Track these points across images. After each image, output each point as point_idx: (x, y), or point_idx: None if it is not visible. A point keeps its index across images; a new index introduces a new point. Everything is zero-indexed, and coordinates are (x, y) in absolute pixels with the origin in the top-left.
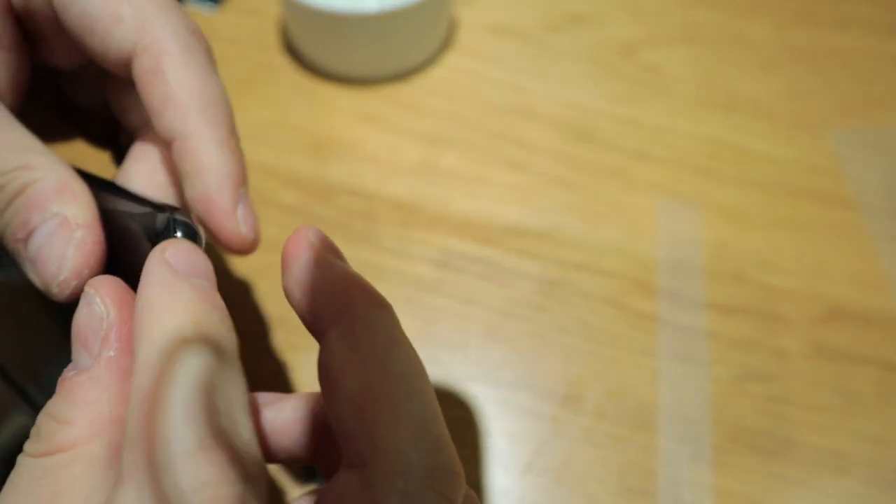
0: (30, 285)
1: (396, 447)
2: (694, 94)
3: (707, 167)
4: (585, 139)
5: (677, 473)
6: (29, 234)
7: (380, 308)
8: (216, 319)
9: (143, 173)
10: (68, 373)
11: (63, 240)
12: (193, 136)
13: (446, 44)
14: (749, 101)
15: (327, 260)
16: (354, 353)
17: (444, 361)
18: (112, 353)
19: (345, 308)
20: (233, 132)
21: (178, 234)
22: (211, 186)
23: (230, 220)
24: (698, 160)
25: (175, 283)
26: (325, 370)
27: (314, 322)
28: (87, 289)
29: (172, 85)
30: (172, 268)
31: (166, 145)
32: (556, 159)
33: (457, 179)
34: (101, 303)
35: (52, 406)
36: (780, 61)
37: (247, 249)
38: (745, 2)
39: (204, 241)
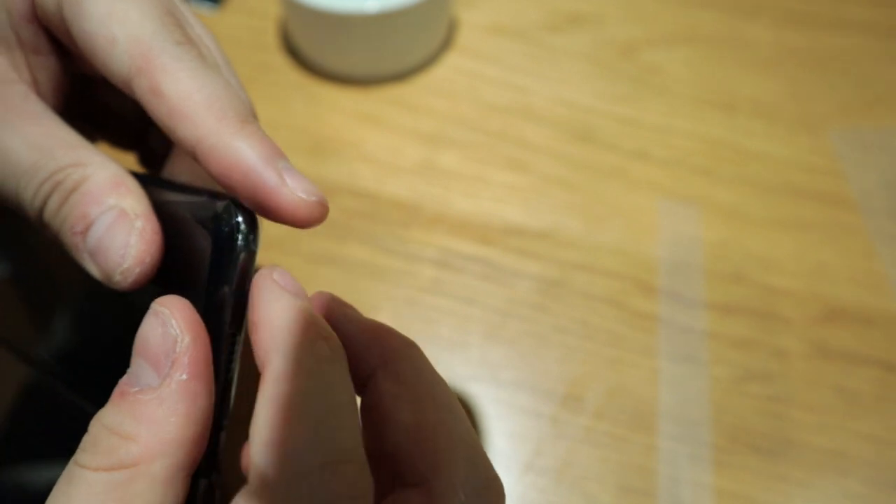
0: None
1: (456, 465)
2: (694, 94)
3: (707, 167)
4: (585, 139)
5: (677, 473)
6: (87, 227)
7: (413, 347)
8: (333, 336)
9: (186, 172)
10: (129, 388)
11: (124, 229)
12: (209, 137)
13: (446, 44)
14: (749, 101)
15: (346, 314)
16: (405, 389)
17: (445, 361)
18: (184, 378)
19: (384, 352)
20: (247, 118)
21: (239, 218)
22: (249, 173)
23: (282, 193)
24: (698, 160)
25: (294, 303)
26: (376, 409)
27: (353, 373)
28: (159, 307)
29: (173, 100)
30: (285, 289)
31: (190, 155)
32: (556, 159)
33: (457, 179)
34: (176, 326)
35: (111, 419)
36: (780, 61)
37: (316, 214)
38: (745, 2)
39: (260, 227)
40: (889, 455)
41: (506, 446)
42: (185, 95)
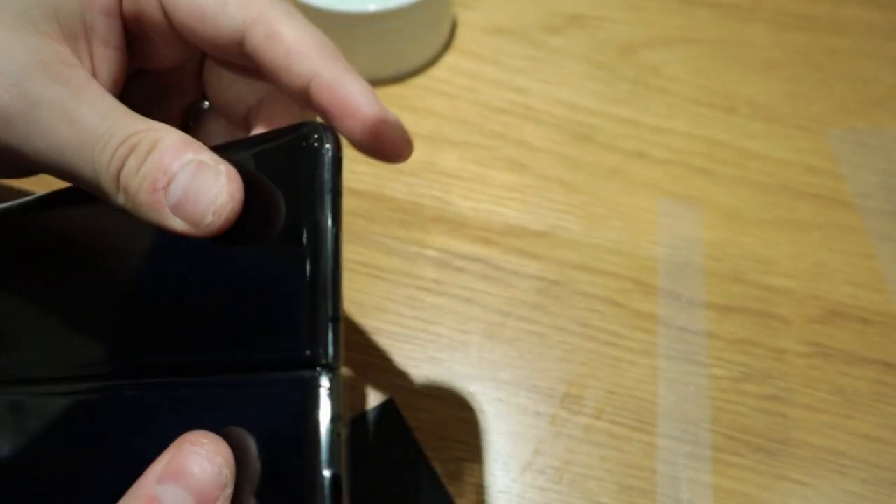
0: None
1: None
2: (693, 95)
3: (706, 168)
4: (585, 140)
5: (676, 472)
6: (169, 181)
7: None
8: None
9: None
10: None
11: (209, 174)
12: (324, 73)
13: (446, 45)
14: (748, 101)
15: None
16: None
17: (444, 361)
18: None
19: None
20: (349, 65)
21: (328, 144)
22: (361, 105)
23: (388, 126)
24: (697, 161)
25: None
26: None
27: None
28: (209, 446)
29: (290, 41)
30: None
31: (299, 95)
32: (556, 160)
33: (457, 180)
34: (229, 473)
35: None
36: (779, 62)
37: (408, 151)
38: (744, 3)
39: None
40: (887, 454)
41: (505, 445)
42: (300, 38)
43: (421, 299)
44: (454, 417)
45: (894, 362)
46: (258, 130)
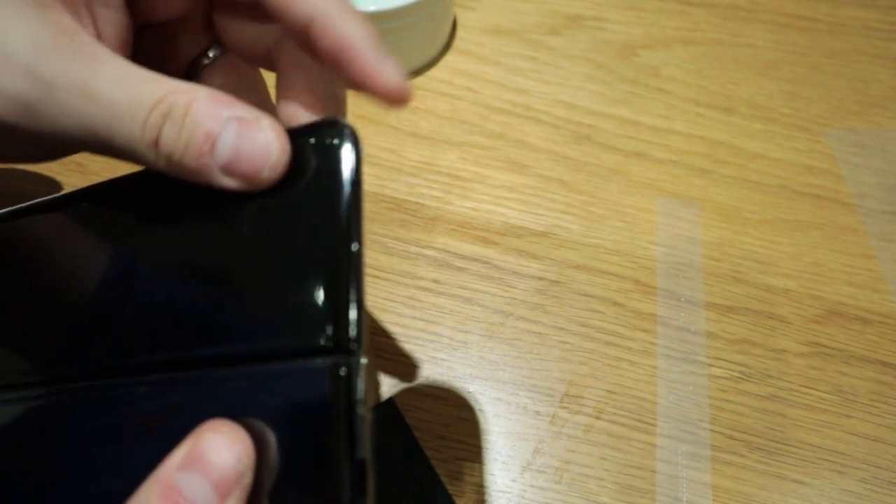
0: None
1: None
2: (692, 96)
3: (705, 168)
4: (584, 140)
5: (676, 472)
6: (213, 144)
7: None
8: None
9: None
10: (179, 497)
11: (254, 129)
12: (326, 12)
13: (446, 45)
14: (747, 102)
15: None
16: None
17: (445, 360)
18: None
19: None
20: (350, 6)
21: (348, 143)
22: (360, 48)
23: (386, 70)
24: (696, 161)
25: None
26: None
27: None
28: (229, 435)
29: None
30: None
31: (302, 38)
32: (556, 160)
33: (457, 180)
34: (246, 461)
35: None
36: (778, 63)
37: (404, 96)
38: (743, 4)
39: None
40: (886, 454)
41: (505, 445)
42: None
43: (421, 299)
44: (454, 417)
45: (893, 362)
46: (283, 73)
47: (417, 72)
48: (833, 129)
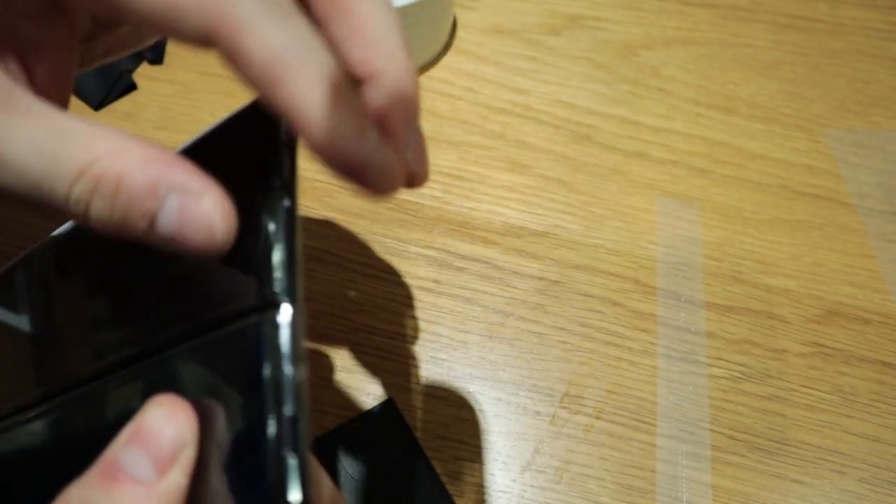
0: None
1: None
2: (692, 96)
3: (705, 168)
4: (584, 140)
5: (676, 472)
6: (153, 220)
7: None
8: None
9: None
10: (121, 474)
11: (195, 205)
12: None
13: (446, 45)
14: (747, 102)
15: None
16: None
17: (445, 360)
18: (182, 482)
19: None
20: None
21: (281, 131)
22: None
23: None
24: (696, 161)
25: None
26: None
27: None
28: (168, 405)
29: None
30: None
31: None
32: (556, 160)
33: (456, 180)
34: (187, 430)
35: (96, 499)
36: (778, 63)
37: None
38: (743, 4)
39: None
40: (886, 454)
41: (505, 445)
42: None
43: (421, 299)
44: (454, 417)
45: (893, 362)
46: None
47: (418, 72)
48: (833, 129)
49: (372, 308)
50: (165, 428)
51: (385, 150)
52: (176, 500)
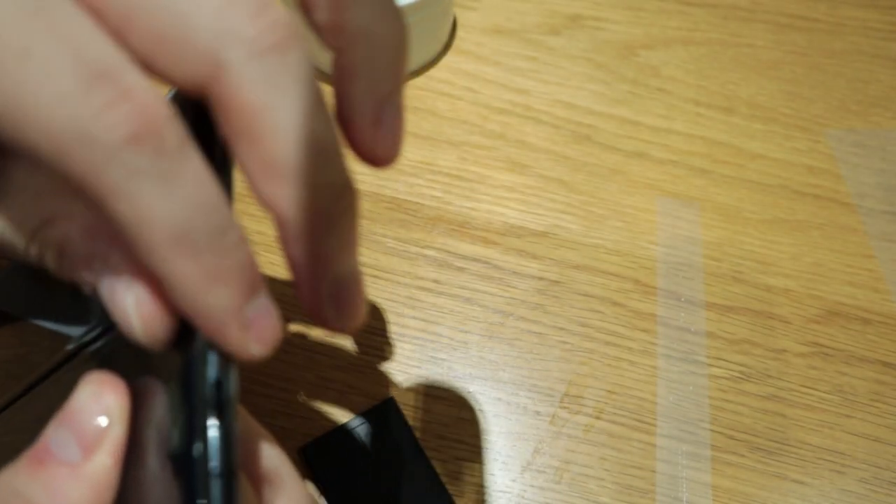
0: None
1: None
2: (692, 96)
3: (705, 168)
4: (584, 140)
5: (675, 472)
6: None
7: None
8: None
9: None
10: (48, 457)
11: (121, 296)
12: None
13: (446, 45)
14: (747, 102)
15: None
16: None
17: (444, 360)
18: (108, 463)
19: None
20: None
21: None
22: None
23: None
24: (696, 161)
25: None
26: None
27: None
28: (96, 384)
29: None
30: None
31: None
32: (556, 160)
33: (457, 180)
34: (114, 409)
35: (24, 486)
36: (778, 63)
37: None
38: (743, 4)
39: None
40: (886, 454)
41: (505, 445)
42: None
43: (421, 299)
44: (454, 417)
45: (893, 362)
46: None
47: (417, 72)
48: (833, 129)
49: (372, 308)
50: (92, 406)
51: (268, 309)
52: (103, 481)
